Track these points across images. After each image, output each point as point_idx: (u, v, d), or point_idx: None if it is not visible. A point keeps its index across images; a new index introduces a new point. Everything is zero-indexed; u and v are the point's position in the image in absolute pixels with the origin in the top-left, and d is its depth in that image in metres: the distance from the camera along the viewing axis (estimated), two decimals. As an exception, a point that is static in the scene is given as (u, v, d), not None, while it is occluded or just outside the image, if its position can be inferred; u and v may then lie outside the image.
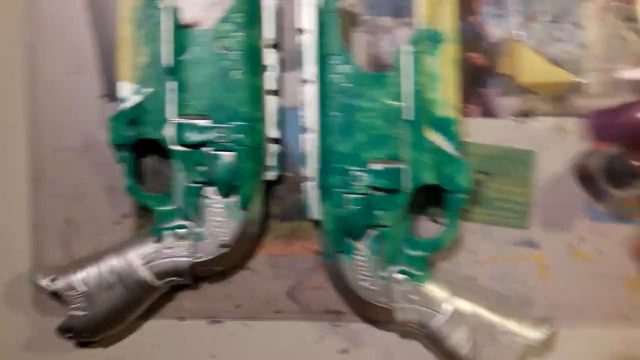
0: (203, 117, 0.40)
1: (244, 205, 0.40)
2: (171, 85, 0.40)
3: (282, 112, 0.43)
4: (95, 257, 0.41)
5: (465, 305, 0.40)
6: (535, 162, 0.44)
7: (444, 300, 0.40)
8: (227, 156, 0.40)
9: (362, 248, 0.40)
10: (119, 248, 0.41)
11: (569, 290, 0.44)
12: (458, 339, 0.40)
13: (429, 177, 0.40)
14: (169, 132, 0.40)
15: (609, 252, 0.44)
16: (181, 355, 0.43)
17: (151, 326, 0.43)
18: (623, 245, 0.44)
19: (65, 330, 0.41)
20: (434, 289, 0.40)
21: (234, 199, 0.41)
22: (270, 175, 0.42)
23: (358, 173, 0.40)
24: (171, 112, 0.40)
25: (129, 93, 0.41)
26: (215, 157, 0.40)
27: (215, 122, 0.40)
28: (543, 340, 0.40)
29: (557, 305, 0.44)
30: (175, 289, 0.43)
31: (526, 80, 0.43)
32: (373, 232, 0.40)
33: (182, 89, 0.40)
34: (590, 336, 0.44)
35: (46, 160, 0.43)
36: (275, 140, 0.42)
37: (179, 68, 0.40)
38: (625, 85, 0.44)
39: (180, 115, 0.40)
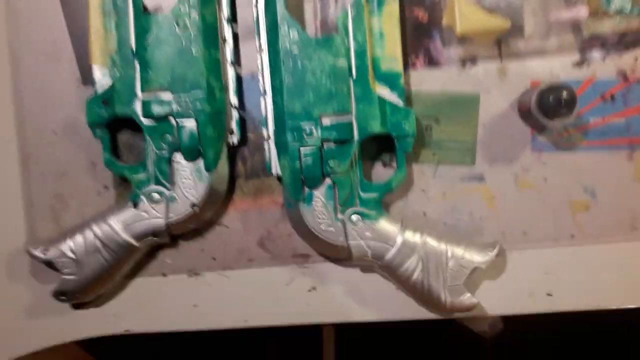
0: (165, 90, 0.44)
1: (209, 167, 0.44)
2: (136, 66, 0.44)
3: (241, 80, 0.47)
4: (81, 227, 0.45)
5: (415, 237, 0.44)
6: (479, 104, 0.48)
7: (395, 234, 0.44)
8: (190, 124, 0.44)
9: (319, 196, 0.44)
10: (101, 216, 0.45)
11: (516, 217, 0.48)
12: (409, 267, 0.44)
13: (376, 127, 0.44)
14: (137, 108, 0.44)
15: (553, 179, 0.48)
16: (166, 308, 0.48)
17: (137, 284, 0.48)
18: (566, 172, 0.48)
19: (59, 294, 0.45)
20: (385, 225, 0.44)
21: (200, 163, 0.45)
22: (234, 138, 0.46)
23: (310, 128, 0.43)
24: (138, 89, 0.44)
25: (102, 76, 0.45)
26: (180, 126, 0.44)
27: (177, 93, 0.44)
28: (488, 262, 0.44)
29: (506, 231, 0.48)
30: (157, 248, 0.47)
31: (464, 30, 0.46)
32: (327, 180, 0.44)
33: (146, 68, 0.44)
34: (539, 256, 0.48)
35: (32, 143, 0.48)
36: (236, 107, 0.46)
37: (143, 50, 0.44)
38: (561, 25, 0.47)
39: (145, 90, 0.44)
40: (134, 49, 0.44)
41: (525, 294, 0.48)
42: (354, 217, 0.44)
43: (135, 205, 0.45)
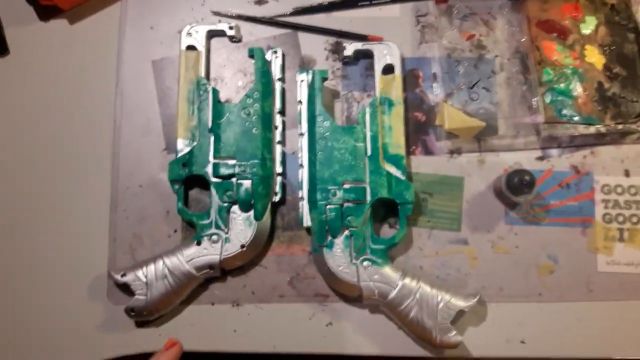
0: (231, 158, 0.59)
1: (258, 217, 0.58)
2: (211, 139, 0.60)
3: (285, 155, 0.63)
4: (153, 258, 0.59)
5: (412, 282, 0.56)
6: (463, 184, 0.62)
7: (397, 279, 0.56)
8: (246, 184, 0.59)
9: (339, 243, 0.58)
10: (171, 251, 0.59)
11: (493, 275, 0.60)
12: (407, 305, 0.56)
13: (384, 193, 0.58)
14: (208, 169, 0.59)
15: (522, 247, 0.61)
16: (212, 332, 0.60)
17: (190, 310, 0.60)
18: (533, 242, 0.61)
19: (130, 310, 0.58)
20: (389, 272, 0.57)
21: (250, 214, 0.59)
22: (277, 197, 0.61)
23: (335, 190, 0.58)
24: (210, 156, 0.59)
25: (183, 146, 0.60)
26: (239, 184, 0.59)
27: (239, 161, 0.59)
28: (470, 306, 0.56)
29: (485, 286, 0.60)
30: (209, 280, 0.60)
31: (450, 127, 0.62)
32: (346, 232, 0.58)
33: (218, 141, 0.60)
34: (513, 309, 0.59)
35: (122, 193, 0.62)
36: (280, 174, 0.61)
37: (217, 128, 0.60)
38: (525, 127, 0.62)
39: (216, 157, 0.59)
40: (210, 127, 0.60)
41: (502, 340, 0.59)
42: (365, 263, 0.57)
43: (199, 243, 0.58)
